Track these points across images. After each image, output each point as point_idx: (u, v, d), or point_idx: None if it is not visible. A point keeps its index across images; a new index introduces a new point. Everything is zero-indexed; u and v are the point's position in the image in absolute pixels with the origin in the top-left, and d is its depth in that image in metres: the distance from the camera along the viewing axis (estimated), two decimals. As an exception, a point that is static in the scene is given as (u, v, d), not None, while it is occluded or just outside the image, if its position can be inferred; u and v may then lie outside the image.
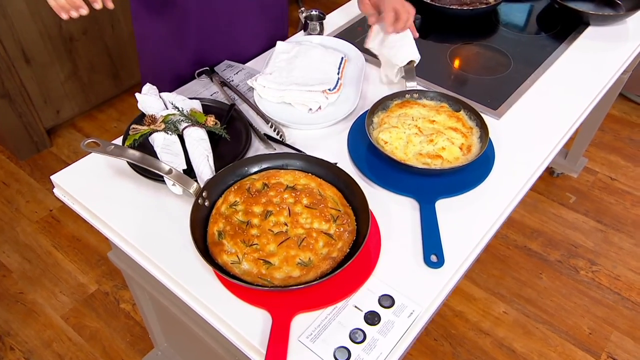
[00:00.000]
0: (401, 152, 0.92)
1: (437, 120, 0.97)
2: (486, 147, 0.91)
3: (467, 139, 0.95)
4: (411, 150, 0.92)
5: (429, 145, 0.92)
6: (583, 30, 1.29)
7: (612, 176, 2.18)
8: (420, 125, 0.97)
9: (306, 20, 1.25)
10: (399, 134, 0.94)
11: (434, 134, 0.94)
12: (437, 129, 0.96)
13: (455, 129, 0.96)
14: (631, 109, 2.49)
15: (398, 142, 0.93)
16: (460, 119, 0.98)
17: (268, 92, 1.07)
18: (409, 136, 0.94)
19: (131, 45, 2.31)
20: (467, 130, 0.96)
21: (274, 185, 0.85)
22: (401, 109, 1.00)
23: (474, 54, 1.24)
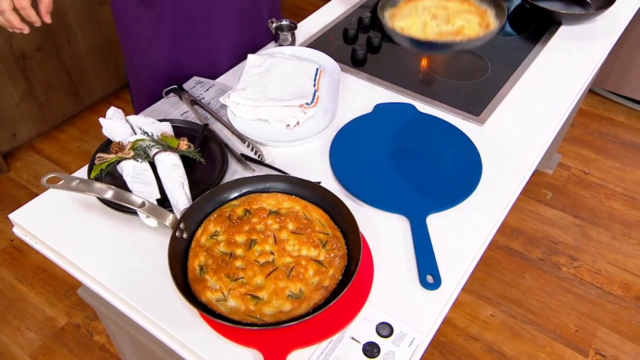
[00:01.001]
0: (420, 34, 0.97)
1: (449, 7, 1.02)
2: (504, 19, 0.99)
3: (484, 18, 1.00)
4: (430, 32, 0.98)
5: (447, 25, 0.98)
6: (556, 30, 1.29)
7: (585, 170, 2.22)
8: (434, 12, 1.01)
9: (277, 30, 1.20)
10: (414, 20, 1.00)
11: (449, 15, 0.98)
12: (451, 12, 1.00)
13: (469, 11, 1.02)
14: (598, 102, 2.55)
15: (414, 28, 1.00)
16: (472, 3, 1.04)
17: (242, 109, 1.02)
18: (425, 21, 1.01)
19: (90, 60, 2.21)
20: (482, 12, 1.01)
21: (256, 211, 0.80)
22: (410, 2, 1.04)
23: (450, 58, 1.22)
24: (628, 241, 1.92)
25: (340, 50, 1.24)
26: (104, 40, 2.23)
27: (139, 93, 1.28)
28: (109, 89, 2.40)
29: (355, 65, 1.20)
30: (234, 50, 1.21)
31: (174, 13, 1.11)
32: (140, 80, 1.25)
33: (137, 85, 1.28)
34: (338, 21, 1.34)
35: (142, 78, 1.24)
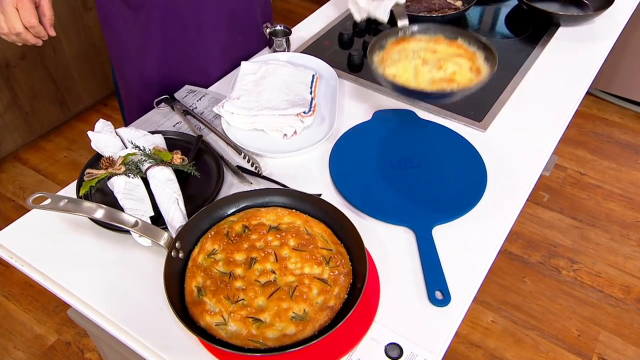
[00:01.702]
0: (413, 83, 0.92)
1: (439, 50, 0.97)
2: (496, 65, 0.91)
3: (474, 62, 0.95)
4: (422, 79, 0.93)
5: (439, 72, 0.93)
6: (554, 32, 1.27)
7: (581, 171, 2.21)
8: (424, 55, 0.96)
9: (271, 36, 1.17)
10: (405, 66, 0.95)
11: (440, 60, 0.93)
12: (441, 57, 0.96)
13: (459, 54, 0.96)
14: (592, 102, 2.55)
15: (407, 75, 0.94)
16: (461, 45, 0.99)
17: (237, 119, 0.98)
18: (416, 66, 0.96)
19: (76, 68, 2.16)
20: (471, 55, 0.97)
21: (255, 227, 0.76)
22: (398, 45, 1.00)
23: (448, 62, 1.20)
24: (627, 242, 1.91)
25: (336, 55, 1.21)
26: (90, 46, 2.19)
27: (130, 101, 1.24)
28: (96, 96, 2.35)
29: (352, 71, 1.17)
30: (225, 56, 1.17)
31: (162, 17, 1.07)
32: (131, 87, 1.21)
33: (127, 93, 1.24)
34: (332, 25, 1.31)
35: (132, 85, 1.20)
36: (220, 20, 1.13)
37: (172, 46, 1.12)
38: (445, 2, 1.32)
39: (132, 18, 1.08)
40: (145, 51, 1.13)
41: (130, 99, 1.24)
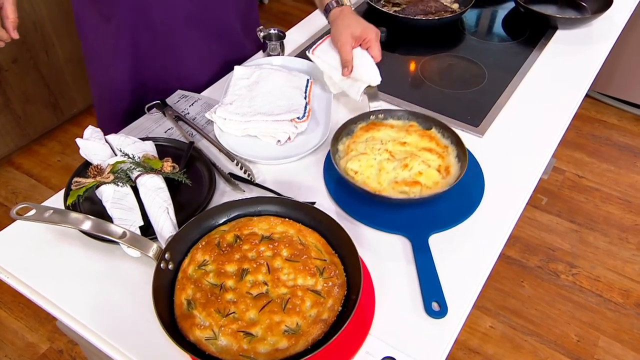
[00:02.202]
0: (374, 182, 0.84)
1: (409, 142, 0.90)
2: (466, 167, 0.84)
3: (444, 160, 0.88)
4: (385, 178, 0.84)
5: (404, 171, 0.84)
6: (552, 35, 1.25)
7: (579, 174, 2.19)
8: (391, 148, 0.89)
9: (265, 40, 1.15)
10: (369, 161, 0.86)
11: (407, 157, 0.86)
12: (410, 151, 0.88)
13: (430, 149, 0.88)
14: (590, 104, 2.53)
15: (369, 171, 0.85)
16: (433, 137, 0.91)
17: (230, 125, 0.96)
18: (381, 162, 0.86)
19: (69, 71, 2.14)
20: (442, 150, 0.89)
21: (247, 237, 0.74)
22: (367, 132, 0.92)
23: (446, 66, 1.18)
24: (626, 246, 1.90)
25: (331, 59, 1.19)
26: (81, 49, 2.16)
27: (102, 110, 1.21)
28: (90, 100, 2.32)
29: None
30: (203, 64, 1.14)
31: (134, 27, 1.04)
32: (103, 96, 1.18)
33: (99, 102, 1.21)
34: (328, 28, 1.29)
35: (104, 94, 1.17)
36: (190, 29, 1.08)
37: (144, 55, 1.08)
38: (442, 5, 1.30)
39: (104, 26, 1.05)
40: (117, 60, 1.09)
41: (102, 107, 1.20)
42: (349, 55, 0.99)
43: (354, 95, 0.99)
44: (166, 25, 1.05)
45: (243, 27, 1.18)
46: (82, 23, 1.10)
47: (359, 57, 1.00)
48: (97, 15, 1.05)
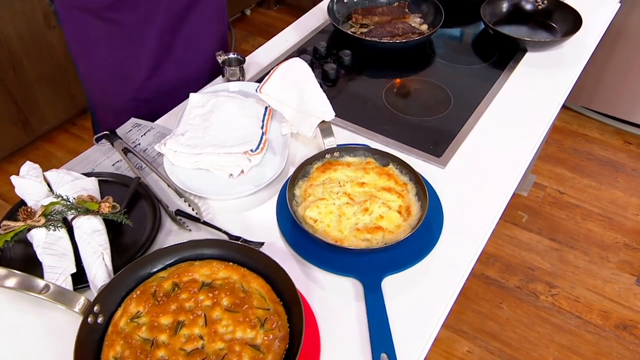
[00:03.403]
0: (335, 230, 0.80)
1: (367, 182, 0.86)
2: (427, 207, 0.81)
3: (404, 199, 0.84)
4: (346, 225, 0.80)
5: (365, 215, 0.81)
6: (521, 58, 1.22)
7: (560, 190, 2.17)
8: (350, 190, 0.85)
9: (224, 65, 1.12)
10: (329, 207, 0.82)
11: (367, 200, 0.82)
12: (369, 192, 0.84)
13: (389, 188, 0.85)
14: (571, 117, 2.52)
15: (329, 218, 0.81)
16: (391, 174, 0.88)
17: (180, 158, 0.92)
18: (340, 207, 0.82)
19: (40, 88, 2.09)
20: (402, 188, 0.86)
21: (186, 285, 0.70)
22: (324, 173, 0.88)
23: (411, 91, 1.15)
24: (606, 265, 1.87)
25: (293, 84, 1.16)
26: (55, 66, 2.12)
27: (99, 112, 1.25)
28: (62, 116, 2.28)
29: (309, 101, 1.11)
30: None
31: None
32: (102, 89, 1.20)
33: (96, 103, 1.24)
34: (292, 51, 1.26)
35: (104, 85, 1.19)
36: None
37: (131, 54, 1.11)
38: (410, 26, 1.27)
39: (103, 29, 1.06)
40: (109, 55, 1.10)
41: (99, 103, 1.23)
42: None
43: (306, 132, 0.95)
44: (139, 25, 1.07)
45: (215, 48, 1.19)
46: (70, 21, 1.09)
47: (311, 91, 0.96)
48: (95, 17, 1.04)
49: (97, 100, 1.24)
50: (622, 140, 2.38)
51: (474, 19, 1.29)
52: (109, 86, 1.18)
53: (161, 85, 1.18)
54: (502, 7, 1.32)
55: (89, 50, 1.12)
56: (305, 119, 0.96)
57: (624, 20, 2.08)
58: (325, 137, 0.93)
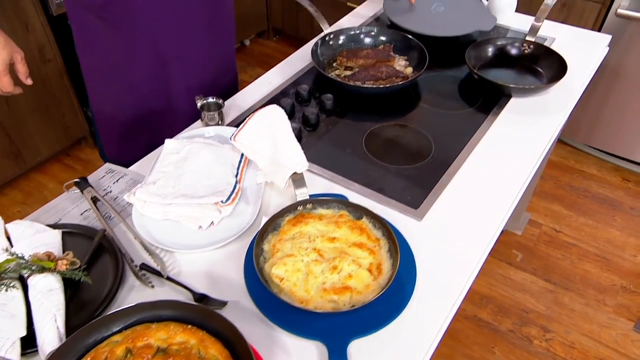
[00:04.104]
0: (301, 290, 0.77)
1: (338, 237, 0.84)
2: (397, 267, 0.78)
3: (376, 256, 0.81)
4: (313, 284, 0.78)
5: (333, 274, 0.78)
6: (506, 103, 1.21)
7: (556, 228, 2.13)
8: (320, 246, 0.82)
9: (202, 109, 1.11)
10: (296, 264, 0.79)
11: (336, 257, 0.80)
12: (339, 249, 0.82)
13: (360, 244, 0.82)
14: (568, 152, 2.49)
15: (296, 277, 0.78)
16: (364, 229, 0.85)
17: (150, 208, 0.91)
18: (308, 265, 0.79)
19: (33, 121, 2.10)
20: (374, 244, 0.83)
21: (140, 351, 0.68)
22: (295, 227, 0.86)
23: (393, 137, 1.13)
24: (602, 309, 1.82)
25: (273, 129, 1.15)
26: (50, 98, 2.13)
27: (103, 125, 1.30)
28: (56, 147, 2.29)
29: (288, 147, 1.10)
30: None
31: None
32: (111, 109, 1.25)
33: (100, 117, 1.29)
34: (275, 94, 1.26)
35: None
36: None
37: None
38: (394, 70, 1.26)
39: (113, 36, 1.10)
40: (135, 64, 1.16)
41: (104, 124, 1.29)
42: None
43: (279, 182, 0.93)
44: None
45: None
46: (87, 42, 1.15)
47: (285, 141, 0.95)
48: (103, 23, 1.09)
49: (97, 107, 1.28)
50: (620, 177, 2.35)
51: (460, 63, 1.28)
52: (108, 90, 1.22)
53: (163, 95, 1.21)
54: (487, 51, 1.31)
55: (90, 49, 1.16)
56: (278, 170, 0.94)
57: (622, 60, 2.07)
58: (297, 188, 0.91)
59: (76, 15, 1.11)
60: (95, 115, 1.32)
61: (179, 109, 1.22)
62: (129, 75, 1.17)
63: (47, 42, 2.01)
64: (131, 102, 1.22)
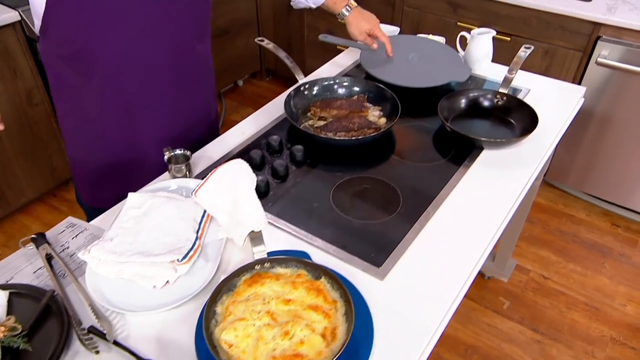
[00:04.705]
0: (250, 357, 0.74)
1: (294, 299, 0.81)
2: (351, 332, 0.75)
3: (331, 320, 0.79)
4: (262, 351, 0.75)
5: (284, 340, 0.75)
6: (478, 155, 1.20)
7: (544, 274, 2.09)
8: (274, 308, 0.80)
9: (169, 162, 1.10)
10: (247, 328, 0.77)
11: (290, 322, 0.77)
12: (294, 311, 0.79)
13: (316, 307, 0.79)
14: (557, 196, 2.47)
15: (246, 343, 0.75)
16: (321, 290, 0.82)
17: (104, 267, 0.88)
18: (260, 330, 0.77)
19: (19, 164, 2.11)
20: (330, 307, 0.80)
21: None
22: (250, 287, 0.83)
23: (361, 190, 1.12)
24: (592, 361, 1.76)
25: (240, 181, 1.14)
26: (37, 141, 2.15)
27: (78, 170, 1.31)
28: (41, 189, 2.28)
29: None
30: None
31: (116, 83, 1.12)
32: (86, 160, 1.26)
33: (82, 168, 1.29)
34: (247, 144, 1.25)
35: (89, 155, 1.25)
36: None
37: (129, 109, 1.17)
38: (366, 121, 1.26)
39: (83, 85, 1.11)
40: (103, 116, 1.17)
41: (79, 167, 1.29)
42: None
43: (237, 240, 0.91)
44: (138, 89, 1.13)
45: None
46: (61, 89, 1.16)
47: (245, 198, 0.94)
48: (74, 74, 1.10)
49: (71, 153, 1.28)
50: (610, 222, 2.32)
51: (436, 113, 1.28)
52: (80, 137, 1.22)
53: (132, 145, 1.21)
54: (460, 102, 1.32)
55: (63, 96, 1.17)
56: (237, 227, 0.92)
57: (607, 108, 2.07)
58: (255, 246, 0.90)
59: (50, 63, 1.13)
60: (70, 161, 1.32)
61: (149, 159, 1.22)
62: (98, 123, 1.18)
63: (35, 86, 2.04)
64: (102, 150, 1.22)
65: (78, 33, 1.03)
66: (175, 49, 1.13)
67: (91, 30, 1.02)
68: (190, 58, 1.19)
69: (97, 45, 1.04)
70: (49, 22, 1.02)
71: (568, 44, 2.05)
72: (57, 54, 1.09)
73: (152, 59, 1.10)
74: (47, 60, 1.13)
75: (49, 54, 1.11)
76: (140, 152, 1.23)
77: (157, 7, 1.06)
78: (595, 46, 1.97)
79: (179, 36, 1.13)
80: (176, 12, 1.09)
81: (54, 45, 1.07)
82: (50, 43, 1.07)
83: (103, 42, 1.04)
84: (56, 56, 1.10)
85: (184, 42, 1.15)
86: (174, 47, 1.13)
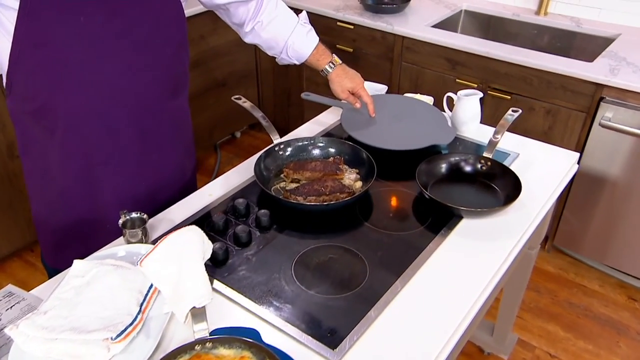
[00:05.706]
0: None
1: None
2: None
3: None
4: None
5: None
6: (456, 224, 1.17)
7: (551, 352, 1.98)
8: None
9: (124, 227, 1.09)
10: None
11: None
12: None
13: None
14: (568, 264, 2.39)
15: None
16: None
17: (33, 344, 0.85)
18: None
19: (-4, 213, 2.13)
20: None
21: None
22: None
23: (326, 261, 1.09)
24: None
25: (199, 248, 1.12)
26: (15, 193, 2.17)
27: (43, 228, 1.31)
28: (18, 244, 2.29)
29: (214, 266, 1.06)
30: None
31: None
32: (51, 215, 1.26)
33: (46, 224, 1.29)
34: (212, 207, 1.25)
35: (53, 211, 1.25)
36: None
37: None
38: (340, 185, 1.25)
39: (47, 140, 1.13)
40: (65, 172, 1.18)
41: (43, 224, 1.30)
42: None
43: (179, 315, 0.89)
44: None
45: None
46: (27, 145, 1.19)
47: (190, 270, 0.92)
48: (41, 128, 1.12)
49: (35, 211, 1.29)
50: (626, 295, 2.23)
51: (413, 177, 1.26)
52: (43, 193, 1.24)
53: (93, 204, 1.22)
54: (440, 167, 1.30)
55: (27, 151, 1.20)
56: (179, 301, 0.90)
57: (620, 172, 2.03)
58: (196, 324, 0.86)
59: (17, 119, 1.16)
60: (34, 219, 1.32)
61: (110, 220, 1.21)
62: (61, 181, 1.19)
63: (16, 138, 2.08)
64: (64, 209, 1.23)
65: (40, 89, 1.06)
66: (139, 106, 1.15)
67: (53, 86, 1.05)
68: (157, 115, 1.20)
69: (58, 101, 1.07)
70: (13, 79, 1.05)
71: (570, 104, 2.05)
72: (22, 109, 1.12)
73: (114, 116, 1.12)
74: (13, 116, 1.16)
75: (15, 109, 1.14)
76: (101, 212, 1.23)
77: (121, 64, 1.09)
78: (599, 107, 1.96)
79: (145, 93, 1.15)
80: (144, 67, 1.12)
81: (19, 101, 1.10)
82: (16, 99, 1.10)
83: (65, 98, 1.07)
84: (21, 112, 1.13)
85: (150, 99, 1.17)
86: (138, 104, 1.15)
